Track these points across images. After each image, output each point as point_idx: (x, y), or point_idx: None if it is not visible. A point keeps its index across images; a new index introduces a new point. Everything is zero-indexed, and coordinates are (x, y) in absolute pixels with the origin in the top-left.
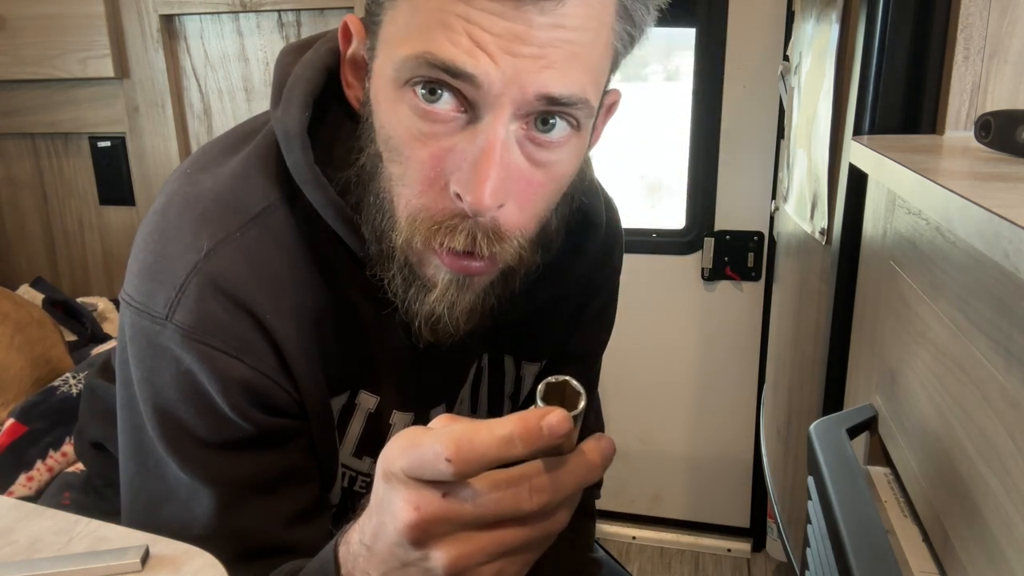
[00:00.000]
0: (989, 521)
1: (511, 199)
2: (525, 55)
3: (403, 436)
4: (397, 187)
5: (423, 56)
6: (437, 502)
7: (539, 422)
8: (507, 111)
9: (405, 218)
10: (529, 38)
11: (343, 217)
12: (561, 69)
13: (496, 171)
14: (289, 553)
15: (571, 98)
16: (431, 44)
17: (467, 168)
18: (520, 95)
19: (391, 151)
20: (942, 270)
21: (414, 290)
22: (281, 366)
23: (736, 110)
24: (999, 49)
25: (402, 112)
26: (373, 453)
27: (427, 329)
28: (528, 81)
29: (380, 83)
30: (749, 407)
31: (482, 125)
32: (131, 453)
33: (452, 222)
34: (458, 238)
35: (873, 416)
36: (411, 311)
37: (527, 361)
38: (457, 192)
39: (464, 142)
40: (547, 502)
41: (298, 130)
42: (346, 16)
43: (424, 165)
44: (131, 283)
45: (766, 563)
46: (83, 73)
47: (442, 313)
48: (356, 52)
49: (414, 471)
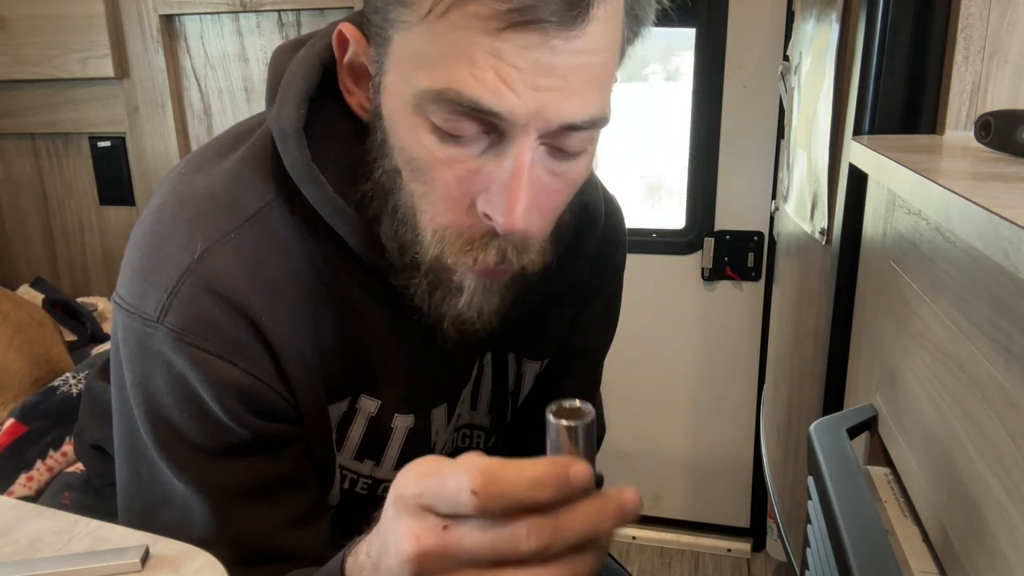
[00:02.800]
0: (989, 521)
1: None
2: (549, 88)
3: (423, 462)
4: (420, 203)
5: (447, 92)
6: (437, 534)
7: (567, 470)
8: (532, 137)
9: (431, 234)
10: (552, 68)
11: (342, 214)
12: (583, 96)
13: (526, 195)
14: (288, 558)
15: (592, 121)
16: (455, 80)
17: (496, 191)
18: (544, 126)
19: (413, 171)
20: (942, 270)
21: (440, 293)
22: (276, 370)
23: (736, 110)
24: (999, 49)
25: (423, 137)
26: (374, 456)
27: (454, 330)
28: (552, 113)
29: (396, 103)
30: (749, 407)
31: (509, 149)
32: (126, 457)
33: (483, 240)
34: (490, 254)
35: (873, 416)
36: (438, 313)
37: (528, 359)
38: (487, 213)
39: (490, 164)
40: (547, 544)
41: (294, 128)
42: (340, 25)
43: (449, 186)
44: (123, 285)
45: (766, 563)
46: (83, 73)
47: (471, 316)
48: (355, 59)
49: (429, 499)
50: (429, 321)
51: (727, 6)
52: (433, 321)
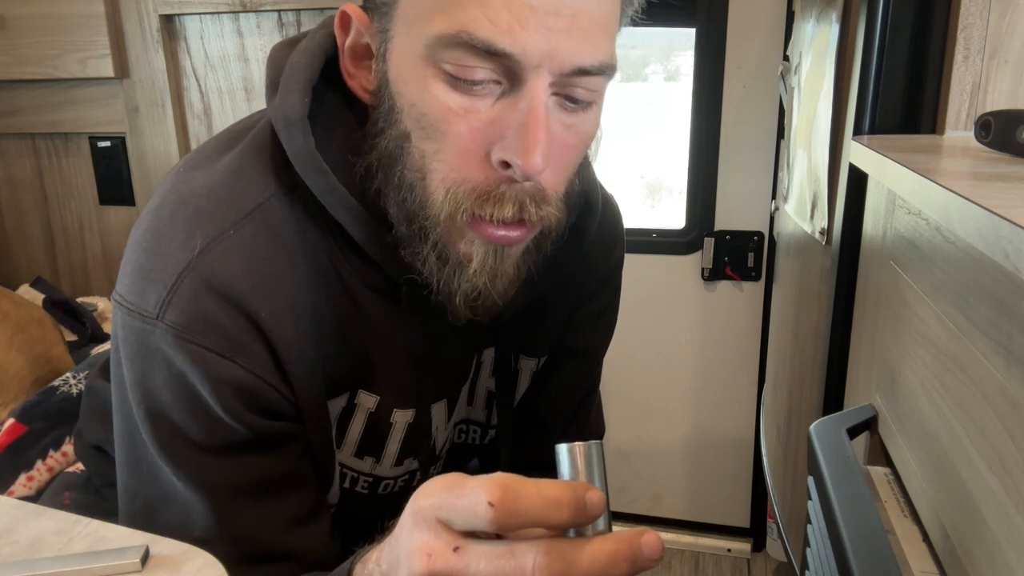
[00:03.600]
0: (989, 521)
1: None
2: (559, 28)
3: (447, 476)
4: (431, 163)
5: (459, 35)
6: (448, 555)
7: (584, 495)
8: (545, 79)
9: (444, 193)
10: (562, 7)
11: (346, 204)
12: (592, 41)
13: (544, 135)
14: (288, 557)
15: (601, 67)
16: (468, 22)
17: (513, 135)
18: (558, 68)
19: (424, 128)
20: (942, 270)
21: (449, 268)
22: (276, 367)
23: (736, 110)
24: (999, 49)
25: (436, 88)
26: (374, 453)
27: (466, 307)
28: (564, 56)
29: (405, 62)
30: (749, 407)
31: (523, 93)
32: (126, 456)
33: (499, 191)
34: (507, 206)
35: (873, 416)
36: (448, 289)
37: (525, 356)
38: (504, 159)
39: (505, 111)
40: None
41: (298, 116)
42: (343, 5)
43: (463, 138)
44: (123, 283)
45: (766, 563)
46: (83, 73)
47: (483, 286)
48: (357, 40)
49: (447, 511)
50: (439, 299)
51: (727, 6)
52: (444, 298)
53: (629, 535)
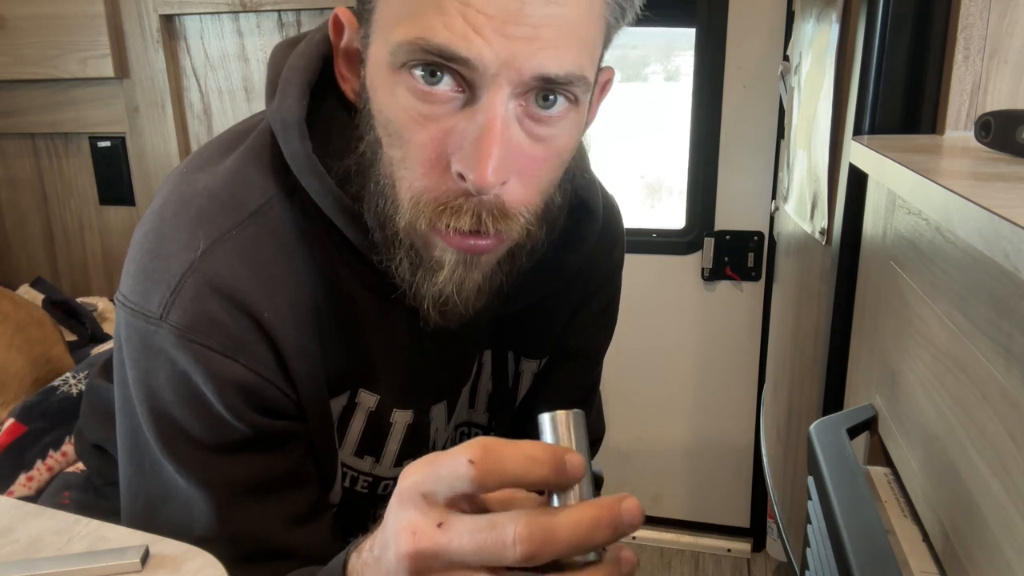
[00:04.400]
0: (989, 521)
1: (514, 176)
2: (519, 36)
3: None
4: (399, 171)
5: (417, 41)
6: (432, 531)
7: (564, 455)
8: (504, 90)
9: (408, 201)
10: (523, 17)
11: (342, 207)
12: (556, 48)
13: (497, 148)
14: (289, 556)
15: (568, 76)
16: (425, 29)
17: (468, 147)
18: (517, 76)
19: (391, 135)
20: (942, 270)
21: (421, 272)
22: (279, 367)
23: (736, 110)
24: (999, 49)
25: (400, 95)
26: (374, 452)
27: (435, 312)
28: (524, 63)
29: (376, 69)
30: (749, 407)
31: (481, 104)
32: (129, 455)
33: (457, 202)
34: (464, 218)
35: (873, 416)
36: (419, 294)
37: (526, 357)
38: (459, 171)
39: (464, 121)
40: (532, 554)
41: (296, 119)
42: (336, 8)
43: (425, 147)
44: (126, 283)
45: (766, 563)
46: (83, 73)
47: (451, 293)
48: (349, 44)
49: (430, 483)
50: (411, 303)
51: (727, 6)
52: (415, 302)
53: (609, 501)
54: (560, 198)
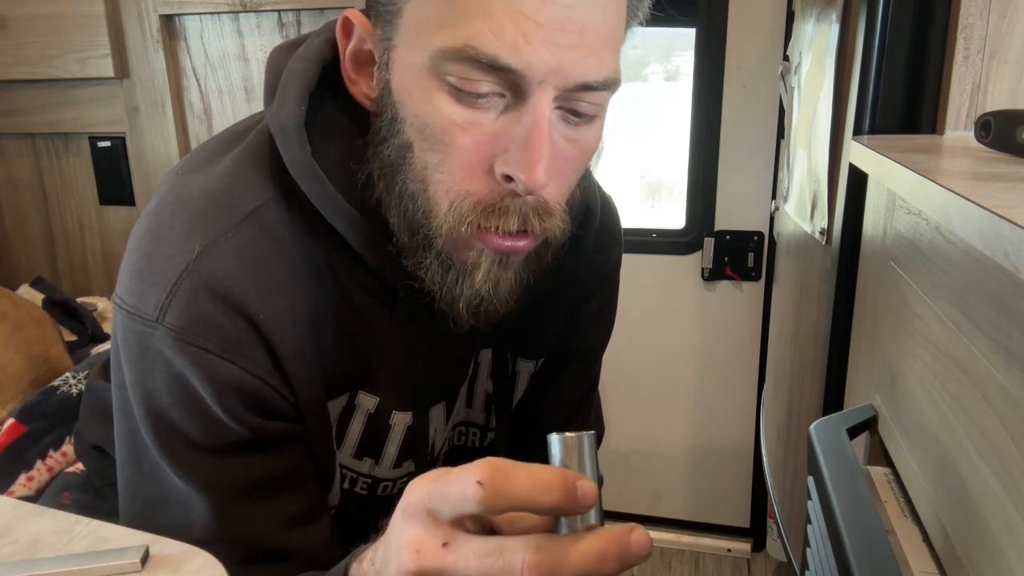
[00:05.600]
0: (989, 521)
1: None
2: (565, 44)
3: (435, 470)
4: (434, 175)
5: (464, 49)
6: (437, 550)
7: (575, 482)
8: (550, 94)
9: (447, 205)
10: (569, 24)
11: (342, 211)
12: (597, 55)
13: (547, 150)
14: (288, 557)
15: (606, 82)
16: (473, 36)
17: (516, 150)
18: (563, 83)
19: (427, 139)
20: (942, 270)
21: (453, 274)
22: (276, 368)
23: (736, 110)
24: (999, 49)
25: (439, 100)
26: (373, 454)
27: (469, 313)
28: (569, 72)
29: (408, 73)
30: (749, 407)
31: (527, 107)
32: (127, 457)
33: (504, 204)
34: (511, 219)
35: (873, 416)
36: (452, 296)
37: (523, 358)
38: (507, 173)
39: (508, 124)
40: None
41: (295, 123)
42: (346, 10)
43: (467, 151)
44: (122, 285)
45: (766, 563)
46: (83, 73)
47: (488, 293)
48: (360, 46)
49: (436, 500)
50: (442, 305)
51: (727, 6)
52: (446, 304)
53: (619, 532)
54: (579, 194)
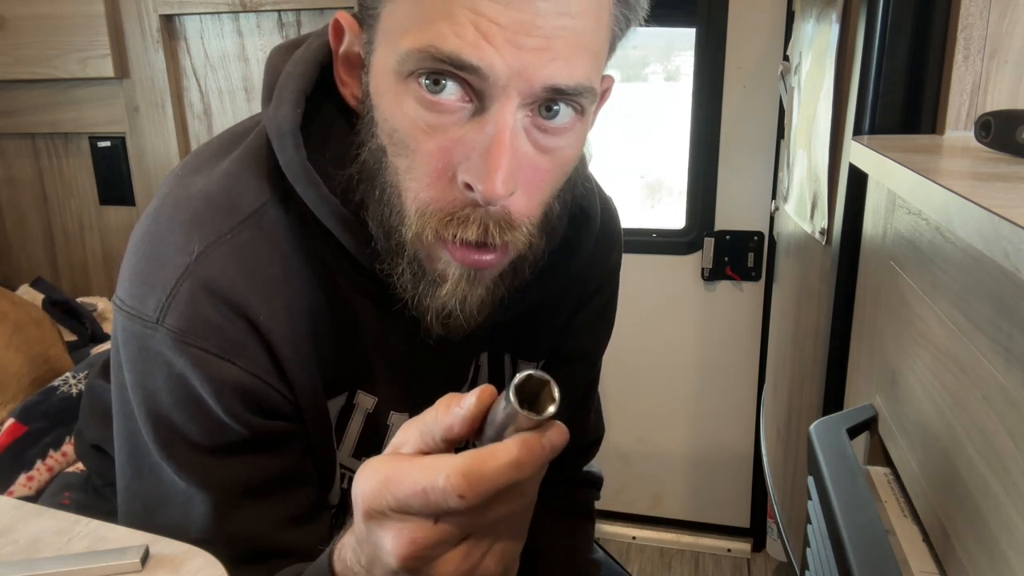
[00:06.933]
0: (989, 521)
1: (520, 186)
2: (530, 47)
3: (373, 472)
4: (404, 180)
5: (427, 49)
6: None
7: (540, 441)
8: (514, 101)
9: (414, 211)
10: (534, 28)
11: (337, 215)
12: (566, 60)
13: (507, 159)
14: (287, 556)
15: (577, 88)
16: (435, 37)
17: (477, 158)
18: (527, 87)
19: (396, 144)
20: (942, 270)
21: (424, 285)
22: (275, 368)
23: (736, 110)
24: (999, 49)
25: (407, 104)
26: (372, 454)
27: (438, 324)
28: (534, 74)
29: (381, 76)
30: (749, 407)
31: (490, 114)
32: (126, 457)
33: (463, 213)
34: (471, 229)
35: (873, 416)
36: (421, 306)
37: (524, 360)
38: (467, 182)
39: (472, 132)
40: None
41: (291, 127)
42: (337, 13)
43: (432, 157)
44: (122, 287)
45: (766, 563)
46: (83, 73)
47: (454, 307)
48: (350, 49)
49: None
50: (413, 314)
51: (727, 6)
52: (417, 314)
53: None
54: (559, 207)
